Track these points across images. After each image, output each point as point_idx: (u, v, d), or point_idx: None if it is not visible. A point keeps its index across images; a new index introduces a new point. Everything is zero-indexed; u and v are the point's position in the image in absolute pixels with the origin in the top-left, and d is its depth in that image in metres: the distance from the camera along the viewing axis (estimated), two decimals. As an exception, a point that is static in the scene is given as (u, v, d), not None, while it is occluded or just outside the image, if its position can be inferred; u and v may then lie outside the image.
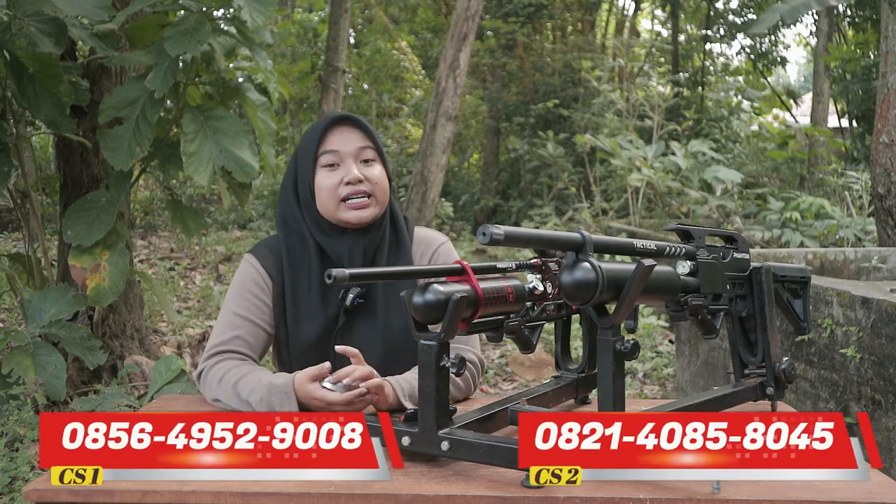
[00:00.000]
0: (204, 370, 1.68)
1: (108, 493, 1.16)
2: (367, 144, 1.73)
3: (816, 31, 13.06)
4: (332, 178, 1.70)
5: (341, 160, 1.71)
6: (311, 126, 1.78)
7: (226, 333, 1.71)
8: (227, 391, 1.61)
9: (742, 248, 1.60)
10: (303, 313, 1.71)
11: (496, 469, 1.23)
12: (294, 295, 1.71)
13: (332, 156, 1.71)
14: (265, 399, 1.54)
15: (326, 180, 1.70)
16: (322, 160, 1.72)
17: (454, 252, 1.82)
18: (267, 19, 3.16)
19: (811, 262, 4.37)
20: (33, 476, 2.81)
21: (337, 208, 1.70)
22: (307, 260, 1.72)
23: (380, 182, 1.72)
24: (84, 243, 3.23)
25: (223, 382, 1.63)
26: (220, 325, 1.73)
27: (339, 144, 1.72)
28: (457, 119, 9.73)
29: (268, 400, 1.54)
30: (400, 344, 1.70)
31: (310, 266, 1.72)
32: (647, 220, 9.18)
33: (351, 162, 1.71)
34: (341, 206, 1.70)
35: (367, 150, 1.73)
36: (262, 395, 1.55)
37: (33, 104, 3.11)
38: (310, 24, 13.59)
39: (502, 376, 4.72)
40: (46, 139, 8.21)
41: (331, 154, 1.71)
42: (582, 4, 13.69)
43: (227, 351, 1.69)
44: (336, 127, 1.73)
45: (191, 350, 4.72)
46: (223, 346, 1.70)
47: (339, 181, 1.69)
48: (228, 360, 1.67)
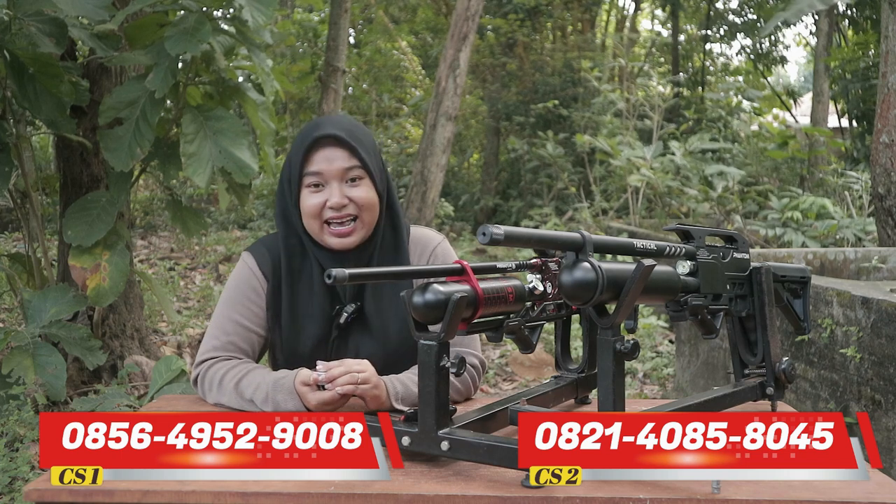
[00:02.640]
0: (199, 375, 1.67)
1: (108, 493, 1.16)
2: (353, 164, 1.63)
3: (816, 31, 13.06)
4: (316, 199, 1.63)
5: (325, 181, 1.63)
6: (298, 139, 1.68)
7: (219, 338, 1.69)
8: (228, 393, 1.60)
9: (742, 248, 1.60)
10: (301, 321, 1.68)
11: (496, 469, 1.23)
12: (291, 300, 1.68)
13: (316, 177, 1.63)
14: (271, 396, 1.53)
15: (310, 201, 1.63)
16: (306, 181, 1.64)
17: (451, 251, 1.79)
18: (268, 19, 3.16)
19: (811, 262, 4.37)
20: (33, 476, 2.81)
21: (321, 230, 1.65)
22: (308, 267, 1.69)
23: (366, 203, 1.64)
24: (84, 243, 3.23)
25: (223, 384, 1.61)
26: (213, 328, 1.71)
27: (322, 165, 1.63)
28: (457, 119, 9.73)
29: (273, 397, 1.53)
30: (397, 352, 1.68)
31: (311, 275, 1.68)
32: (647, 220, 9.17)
33: (336, 184, 1.63)
34: (325, 229, 1.64)
35: (353, 170, 1.63)
36: (268, 391, 1.53)
37: (33, 104, 3.11)
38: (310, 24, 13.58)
39: (502, 376, 4.72)
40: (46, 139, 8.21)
41: (314, 175, 1.63)
42: (582, 3, 13.69)
43: (220, 356, 1.67)
44: (320, 147, 1.63)
45: (191, 350, 4.72)
46: (216, 352, 1.68)
47: (323, 204, 1.63)
48: (223, 362, 1.66)
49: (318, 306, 1.67)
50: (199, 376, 1.67)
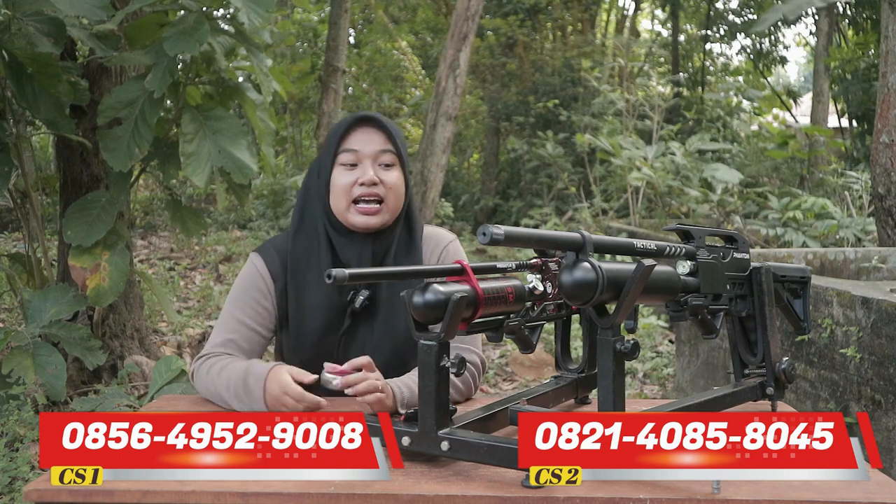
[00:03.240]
0: (194, 370, 1.70)
1: (108, 493, 1.16)
2: (388, 148, 1.71)
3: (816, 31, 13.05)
4: (348, 177, 1.69)
5: (360, 160, 1.70)
6: (338, 122, 1.78)
7: (220, 336, 1.72)
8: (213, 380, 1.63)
9: (742, 248, 1.60)
10: (307, 312, 1.70)
11: (496, 469, 1.23)
12: (298, 294, 1.70)
13: (351, 155, 1.70)
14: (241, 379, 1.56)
15: (342, 178, 1.70)
16: (341, 158, 1.71)
17: (462, 251, 1.82)
18: (265, 21, 3.16)
19: (811, 262, 4.37)
20: (33, 476, 2.81)
21: (347, 209, 1.69)
22: (317, 259, 1.71)
23: (395, 187, 1.71)
24: (84, 243, 3.23)
25: (210, 374, 1.64)
26: (218, 326, 1.74)
27: (359, 144, 1.70)
28: (457, 119, 9.72)
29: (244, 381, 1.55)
30: (404, 345, 1.69)
31: (319, 265, 1.71)
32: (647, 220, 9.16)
33: (369, 163, 1.70)
34: (351, 208, 1.69)
35: (386, 154, 1.71)
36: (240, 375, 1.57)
37: (32, 104, 3.11)
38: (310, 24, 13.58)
39: (502, 376, 4.71)
40: (46, 139, 8.21)
41: (350, 153, 1.70)
42: (582, 3, 13.68)
43: (218, 353, 1.70)
44: (360, 126, 1.72)
45: (191, 350, 4.72)
46: (214, 349, 1.71)
47: (354, 181, 1.68)
48: (216, 357, 1.68)
49: (327, 297, 1.70)
50: (194, 371, 1.70)
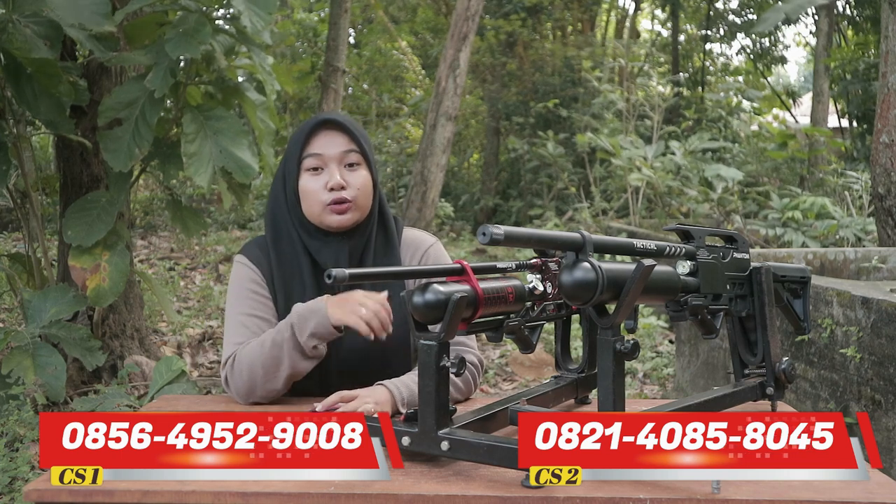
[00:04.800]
0: (227, 373, 1.66)
1: (108, 493, 1.16)
2: (352, 148, 1.70)
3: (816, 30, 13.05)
4: (316, 182, 1.69)
5: (325, 164, 1.69)
6: (298, 128, 1.77)
7: (234, 336, 1.69)
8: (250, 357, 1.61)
9: (742, 248, 1.60)
10: None
11: (496, 469, 1.23)
12: (286, 300, 1.70)
13: (316, 159, 1.69)
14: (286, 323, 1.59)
15: (310, 184, 1.69)
16: (305, 163, 1.70)
17: (445, 253, 1.82)
18: (266, 24, 3.16)
19: (811, 262, 4.37)
20: (33, 476, 2.81)
21: (321, 212, 1.69)
22: (297, 265, 1.72)
23: (363, 187, 1.70)
24: (84, 243, 3.23)
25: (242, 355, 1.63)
26: (230, 332, 1.71)
27: (322, 147, 1.69)
28: (457, 119, 9.73)
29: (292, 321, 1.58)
30: (390, 346, 1.67)
31: (301, 271, 1.71)
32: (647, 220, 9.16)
33: (334, 166, 1.69)
34: (325, 210, 1.68)
35: (351, 154, 1.70)
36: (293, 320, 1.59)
37: (32, 104, 3.11)
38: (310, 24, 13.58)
39: (502, 376, 4.71)
40: (46, 139, 8.20)
41: (314, 157, 1.69)
42: (582, 3, 13.68)
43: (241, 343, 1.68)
44: (321, 130, 1.71)
45: (191, 350, 4.72)
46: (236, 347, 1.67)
47: (323, 186, 1.68)
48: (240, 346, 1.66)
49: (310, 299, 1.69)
50: (227, 372, 1.66)
